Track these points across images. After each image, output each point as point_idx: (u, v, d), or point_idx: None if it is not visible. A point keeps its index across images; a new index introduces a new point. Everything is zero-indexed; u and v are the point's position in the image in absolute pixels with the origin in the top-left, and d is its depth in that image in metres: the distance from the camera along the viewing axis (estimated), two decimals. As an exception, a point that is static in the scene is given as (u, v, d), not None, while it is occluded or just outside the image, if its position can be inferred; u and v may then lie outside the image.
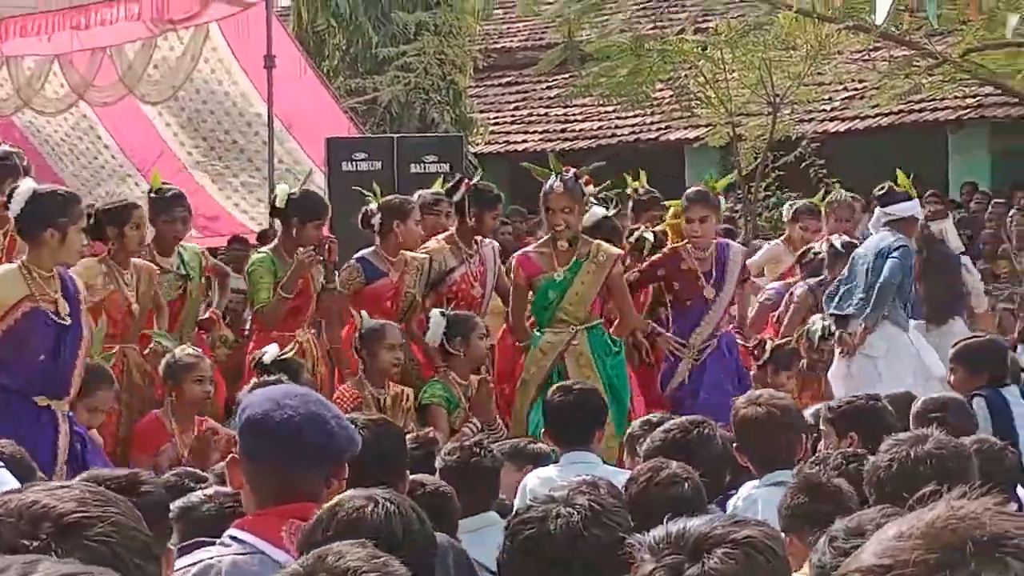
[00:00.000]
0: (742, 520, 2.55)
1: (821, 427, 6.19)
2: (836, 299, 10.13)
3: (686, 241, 9.70)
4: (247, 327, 10.09)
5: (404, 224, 9.49)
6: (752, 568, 2.43)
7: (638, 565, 2.38)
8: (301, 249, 9.14)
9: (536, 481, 6.10)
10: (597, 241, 9.25)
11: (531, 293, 9.37)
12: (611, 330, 9.36)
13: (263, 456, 3.64)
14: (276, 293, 9.09)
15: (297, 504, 3.47)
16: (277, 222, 9.57)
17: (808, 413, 6.54)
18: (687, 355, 9.53)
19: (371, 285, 9.43)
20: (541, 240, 9.35)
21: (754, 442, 5.68)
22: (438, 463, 5.60)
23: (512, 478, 6.23)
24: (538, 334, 9.21)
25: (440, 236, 9.94)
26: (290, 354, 8.45)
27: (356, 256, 9.55)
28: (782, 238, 12.22)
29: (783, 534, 3.96)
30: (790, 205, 12.23)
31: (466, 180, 9.91)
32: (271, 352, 8.44)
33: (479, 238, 9.73)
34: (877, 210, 10.42)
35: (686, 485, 4.78)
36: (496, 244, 10.08)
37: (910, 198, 10.35)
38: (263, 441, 3.63)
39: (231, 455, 3.75)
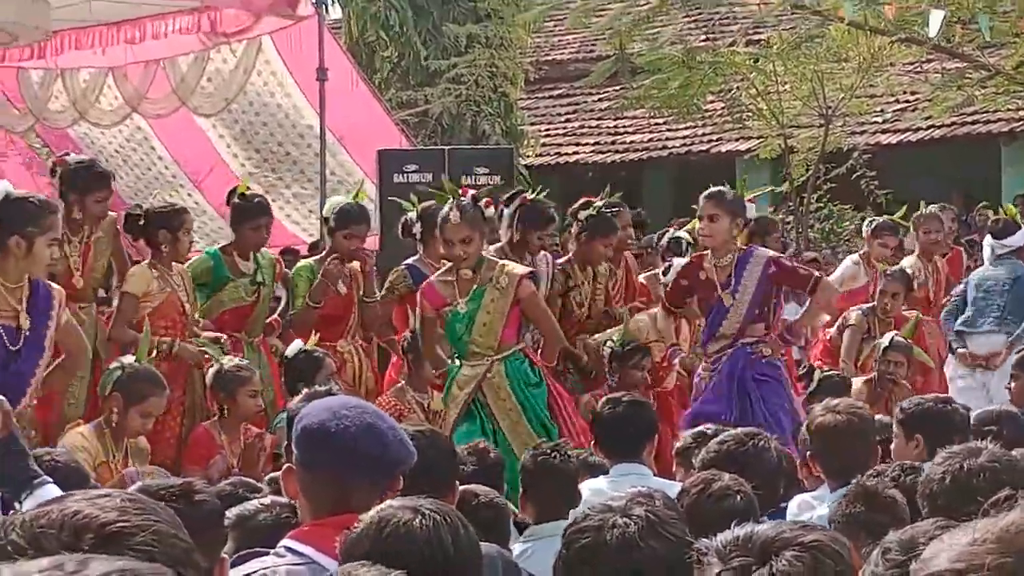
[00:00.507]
0: (809, 525, 2.57)
1: (894, 428, 6.15)
2: (955, 316, 10.81)
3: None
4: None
5: None
6: (819, 571, 2.44)
7: (704, 569, 2.38)
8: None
9: (587, 492, 6.07)
10: (503, 262, 8.51)
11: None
12: (540, 355, 8.68)
13: (319, 466, 3.65)
14: (304, 301, 9.17)
15: (352, 515, 3.46)
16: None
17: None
18: (699, 355, 9.07)
19: (422, 292, 9.49)
20: (445, 267, 8.51)
21: (832, 450, 5.64)
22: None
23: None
24: (456, 365, 8.45)
25: (490, 248, 9.92)
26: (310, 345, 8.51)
27: (404, 264, 9.61)
28: (860, 253, 12.17)
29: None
30: (870, 222, 12.19)
31: (524, 195, 9.69)
32: (293, 346, 8.53)
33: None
34: (991, 242, 10.93)
35: (738, 498, 4.75)
36: (549, 256, 9.79)
37: (1019, 227, 11.00)
38: (319, 451, 3.65)
39: (287, 465, 3.77)
